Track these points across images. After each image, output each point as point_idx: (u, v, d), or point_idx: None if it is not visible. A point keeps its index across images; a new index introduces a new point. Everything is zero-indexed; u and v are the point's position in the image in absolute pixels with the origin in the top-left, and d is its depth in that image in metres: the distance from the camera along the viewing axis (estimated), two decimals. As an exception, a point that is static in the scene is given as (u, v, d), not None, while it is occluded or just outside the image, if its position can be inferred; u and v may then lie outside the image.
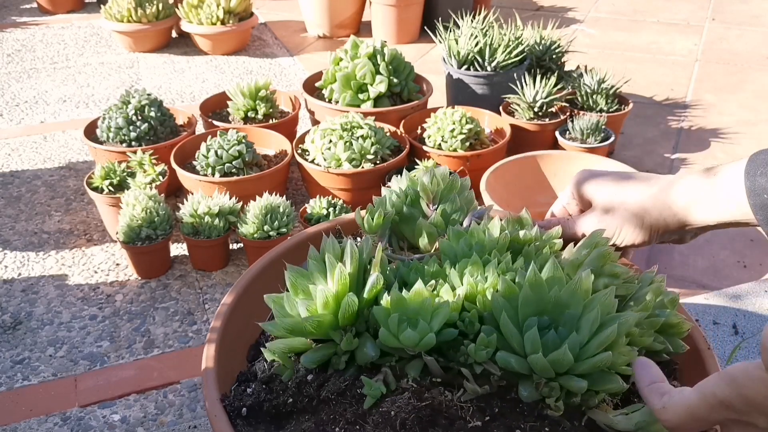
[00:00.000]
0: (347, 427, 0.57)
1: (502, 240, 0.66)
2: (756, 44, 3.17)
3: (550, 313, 0.57)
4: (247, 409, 0.61)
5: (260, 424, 0.61)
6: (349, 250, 0.63)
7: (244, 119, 2.06)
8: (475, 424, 0.56)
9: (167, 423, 1.24)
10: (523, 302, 0.57)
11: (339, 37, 3.26)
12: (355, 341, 0.60)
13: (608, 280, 0.64)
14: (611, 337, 0.54)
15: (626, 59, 2.99)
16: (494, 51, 2.14)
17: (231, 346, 0.72)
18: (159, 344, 1.42)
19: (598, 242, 0.66)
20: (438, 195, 0.74)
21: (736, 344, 1.39)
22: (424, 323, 0.57)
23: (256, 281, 0.76)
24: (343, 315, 0.59)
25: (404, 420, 0.55)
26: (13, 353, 1.40)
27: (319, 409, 0.59)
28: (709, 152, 2.21)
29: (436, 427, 0.55)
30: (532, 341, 0.55)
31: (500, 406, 0.57)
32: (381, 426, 0.55)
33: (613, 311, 0.57)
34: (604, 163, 1.75)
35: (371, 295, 0.61)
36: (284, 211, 1.58)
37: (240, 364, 0.72)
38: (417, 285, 0.59)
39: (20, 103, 2.55)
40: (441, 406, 0.57)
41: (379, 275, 0.61)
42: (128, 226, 1.55)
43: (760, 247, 1.72)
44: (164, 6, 2.99)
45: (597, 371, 0.55)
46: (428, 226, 0.72)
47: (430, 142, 1.89)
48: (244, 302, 0.74)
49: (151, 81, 2.76)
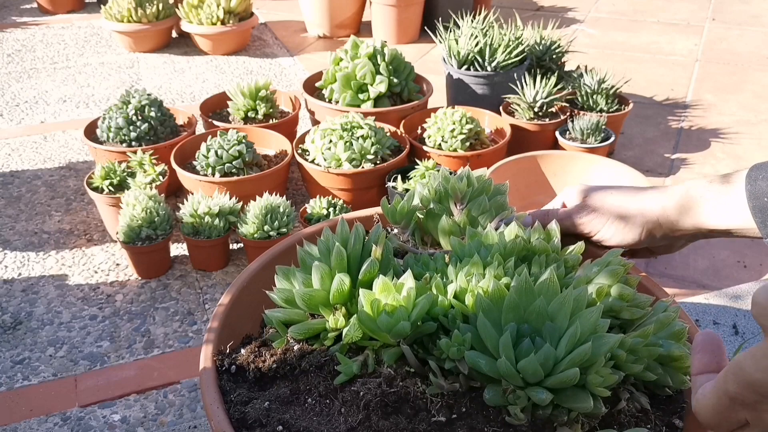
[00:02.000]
0: (319, 399, 0.60)
1: (510, 245, 0.65)
2: (756, 44, 3.17)
3: (533, 322, 0.56)
4: (236, 367, 0.65)
5: (244, 383, 0.64)
6: (354, 235, 0.65)
7: (244, 119, 2.06)
8: (438, 419, 0.57)
9: (167, 423, 1.24)
10: (508, 307, 0.57)
11: (339, 37, 3.26)
12: (342, 320, 0.62)
13: (613, 300, 0.62)
14: (584, 356, 0.52)
15: (626, 59, 2.99)
16: (494, 51, 2.14)
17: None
18: (159, 344, 1.42)
19: (610, 261, 0.65)
20: (467, 196, 0.74)
21: (735, 344, 1.39)
22: (402, 311, 0.58)
23: (253, 281, 0.76)
24: (333, 293, 0.61)
25: (369, 402, 0.57)
26: (13, 353, 1.40)
27: (299, 378, 0.62)
28: (709, 152, 2.21)
29: (399, 415, 0.57)
30: (504, 346, 0.54)
31: (468, 407, 0.58)
32: (348, 404, 0.58)
33: (601, 330, 0.55)
34: (604, 163, 1.75)
35: (365, 278, 0.62)
36: (284, 211, 1.58)
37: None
38: (405, 275, 0.60)
39: (20, 103, 2.55)
40: (409, 395, 0.58)
41: (374, 260, 0.63)
42: (128, 226, 1.55)
43: (760, 247, 1.72)
44: (164, 6, 2.99)
45: (569, 387, 0.54)
46: (451, 224, 0.72)
47: (430, 142, 1.89)
48: (241, 302, 0.74)
49: (151, 81, 2.76)
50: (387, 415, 0.57)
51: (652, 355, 0.59)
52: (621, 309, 0.62)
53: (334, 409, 0.59)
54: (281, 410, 0.59)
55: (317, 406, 0.59)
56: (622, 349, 0.57)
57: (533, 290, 0.57)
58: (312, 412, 0.59)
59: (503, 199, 0.76)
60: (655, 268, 1.65)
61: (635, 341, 0.58)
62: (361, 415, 0.57)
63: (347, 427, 0.57)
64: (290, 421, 0.58)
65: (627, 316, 0.62)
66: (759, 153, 2.20)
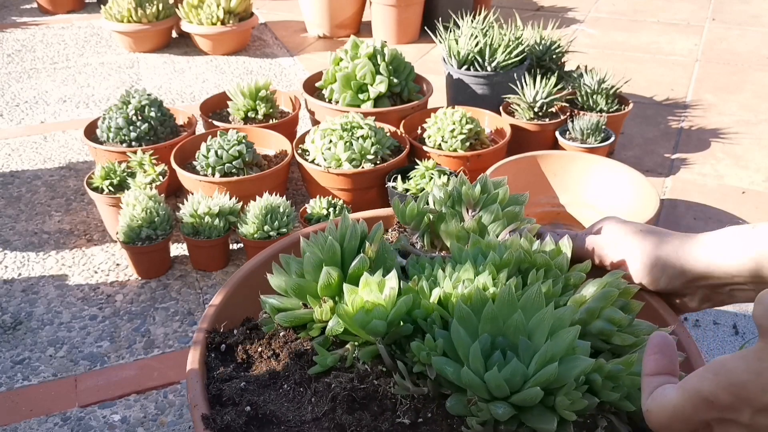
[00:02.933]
0: (294, 386, 0.61)
1: (507, 256, 0.64)
2: (756, 44, 3.17)
3: (510, 336, 0.56)
4: (226, 346, 0.67)
5: (231, 363, 0.66)
6: (351, 231, 0.66)
7: (244, 119, 2.06)
8: (402, 421, 0.57)
9: (167, 423, 1.24)
10: (486, 317, 0.56)
11: (339, 37, 3.26)
12: (328, 313, 0.63)
13: (603, 324, 0.60)
14: (550, 376, 0.51)
15: (626, 59, 2.99)
16: (494, 51, 2.14)
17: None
18: (159, 344, 1.42)
19: (608, 282, 0.63)
20: (480, 202, 0.74)
21: (735, 344, 1.39)
22: (380, 310, 0.58)
23: (246, 281, 0.77)
24: (321, 285, 0.62)
25: (337, 395, 0.58)
26: (13, 353, 1.40)
27: (280, 364, 0.64)
28: (709, 152, 2.21)
29: (365, 411, 0.58)
30: (474, 356, 0.53)
31: (434, 413, 0.58)
32: (318, 394, 0.60)
33: (580, 352, 0.54)
34: (604, 163, 1.75)
35: (353, 273, 0.63)
36: (284, 212, 1.58)
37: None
38: (390, 275, 0.61)
39: (20, 103, 2.55)
40: (377, 394, 0.59)
41: (363, 257, 0.63)
42: (128, 226, 1.55)
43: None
44: (164, 6, 2.99)
45: (537, 407, 0.53)
46: (459, 229, 0.71)
47: (430, 142, 1.89)
48: (233, 302, 0.75)
49: (151, 81, 2.76)
50: (352, 410, 0.58)
51: (635, 385, 0.56)
52: (611, 334, 0.60)
53: (305, 398, 0.60)
54: (256, 392, 0.62)
55: (291, 393, 0.61)
56: (600, 374, 0.55)
57: (516, 303, 0.56)
58: (285, 398, 0.61)
59: (519, 210, 0.74)
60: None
61: (615, 368, 0.56)
62: (326, 407, 0.58)
63: (312, 417, 0.58)
64: (260, 404, 0.60)
65: (618, 342, 0.60)
66: (759, 153, 2.20)
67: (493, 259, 0.63)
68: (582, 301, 0.62)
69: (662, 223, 1.83)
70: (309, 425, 0.58)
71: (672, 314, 0.68)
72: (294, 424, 0.58)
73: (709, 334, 1.43)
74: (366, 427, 0.56)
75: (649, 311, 0.71)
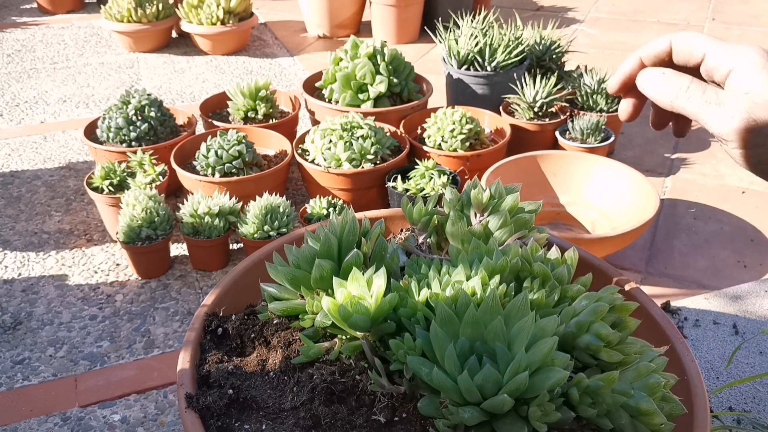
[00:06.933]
0: (279, 375, 0.63)
1: (502, 263, 0.63)
2: (756, 44, 3.17)
3: (490, 342, 0.55)
4: (223, 330, 0.69)
5: (223, 347, 0.68)
6: (350, 226, 0.67)
7: (244, 119, 2.06)
8: (377, 419, 0.58)
9: (167, 423, 1.24)
10: (467, 321, 0.55)
11: (339, 37, 3.26)
12: (319, 305, 0.63)
13: (590, 338, 0.59)
14: (520, 385, 0.51)
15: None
16: (494, 51, 2.14)
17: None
18: (159, 344, 1.42)
19: (600, 298, 0.62)
20: (489, 208, 0.74)
21: (736, 344, 1.39)
22: (363, 306, 0.59)
23: (240, 280, 0.78)
24: (313, 277, 0.63)
25: (316, 386, 0.60)
26: (13, 353, 1.40)
27: (269, 351, 0.66)
28: (709, 152, 2.21)
29: (341, 405, 0.59)
30: (449, 358, 0.53)
31: (410, 413, 0.58)
32: (300, 384, 0.61)
33: (559, 364, 0.53)
34: (604, 163, 1.75)
35: (347, 267, 0.64)
36: (284, 211, 1.58)
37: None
38: (379, 272, 0.61)
39: (20, 103, 2.55)
40: (357, 389, 0.60)
41: (358, 251, 0.64)
42: (128, 226, 1.55)
43: (760, 247, 1.72)
44: (164, 6, 2.99)
45: (509, 415, 0.53)
46: (464, 232, 0.71)
47: (430, 142, 1.89)
48: (226, 302, 0.75)
49: (151, 81, 2.76)
50: (330, 403, 0.59)
51: (615, 403, 0.55)
52: (598, 349, 0.59)
53: (288, 386, 0.62)
54: (243, 377, 0.63)
55: (275, 381, 0.63)
56: (578, 389, 0.55)
57: (499, 309, 0.56)
58: (268, 385, 0.62)
59: (529, 218, 0.74)
60: (655, 268, 1.65)
61: (595, 384, 0.54)
62: (305, 397, 0.60)
63: (291, 405, 0.60)
64: (243, 388, 0.62)
65: (605, 358, 0.59)
66: (759, 153, 2.20)
67: (486, 264, 0.63)
68: (574, 314, 0.61)
69: (662, 223, 1.83)
70: (287, 413, 0.59)
71: (675, 330, 0.67)
72: (272, 411, 0.60)
73: (709, 334, 1.43)
74: (340, 420, 0.57)
75: (650, 325, 0.70)
